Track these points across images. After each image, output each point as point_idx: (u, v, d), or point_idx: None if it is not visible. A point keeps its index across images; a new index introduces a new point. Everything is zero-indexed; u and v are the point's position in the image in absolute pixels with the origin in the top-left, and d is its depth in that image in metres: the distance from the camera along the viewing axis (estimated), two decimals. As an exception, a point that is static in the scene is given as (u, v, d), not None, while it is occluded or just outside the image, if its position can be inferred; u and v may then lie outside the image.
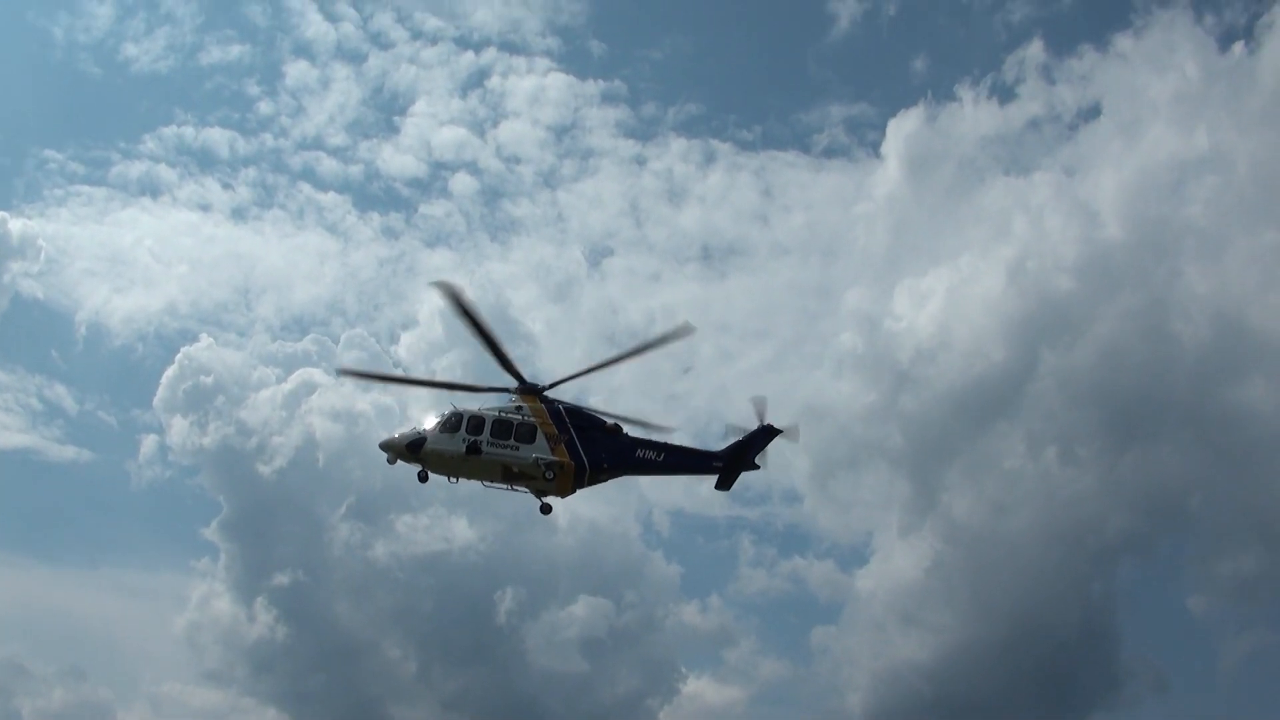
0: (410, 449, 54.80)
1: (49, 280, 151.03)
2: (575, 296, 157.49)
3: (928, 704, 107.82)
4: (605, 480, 56.17)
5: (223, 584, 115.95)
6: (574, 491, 55.74)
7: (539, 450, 54.26)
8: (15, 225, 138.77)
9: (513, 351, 54.72)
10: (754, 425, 56.50)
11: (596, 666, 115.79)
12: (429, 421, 55.55)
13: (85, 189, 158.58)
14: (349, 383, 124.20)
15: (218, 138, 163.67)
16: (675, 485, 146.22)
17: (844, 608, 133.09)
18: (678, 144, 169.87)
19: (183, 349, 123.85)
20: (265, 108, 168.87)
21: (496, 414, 54.97)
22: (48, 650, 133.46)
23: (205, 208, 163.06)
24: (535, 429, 54.54)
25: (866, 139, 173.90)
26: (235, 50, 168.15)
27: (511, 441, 54.34)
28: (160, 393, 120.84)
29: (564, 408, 55.40)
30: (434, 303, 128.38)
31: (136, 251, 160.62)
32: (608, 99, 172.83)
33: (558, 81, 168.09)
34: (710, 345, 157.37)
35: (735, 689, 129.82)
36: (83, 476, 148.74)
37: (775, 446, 56.74)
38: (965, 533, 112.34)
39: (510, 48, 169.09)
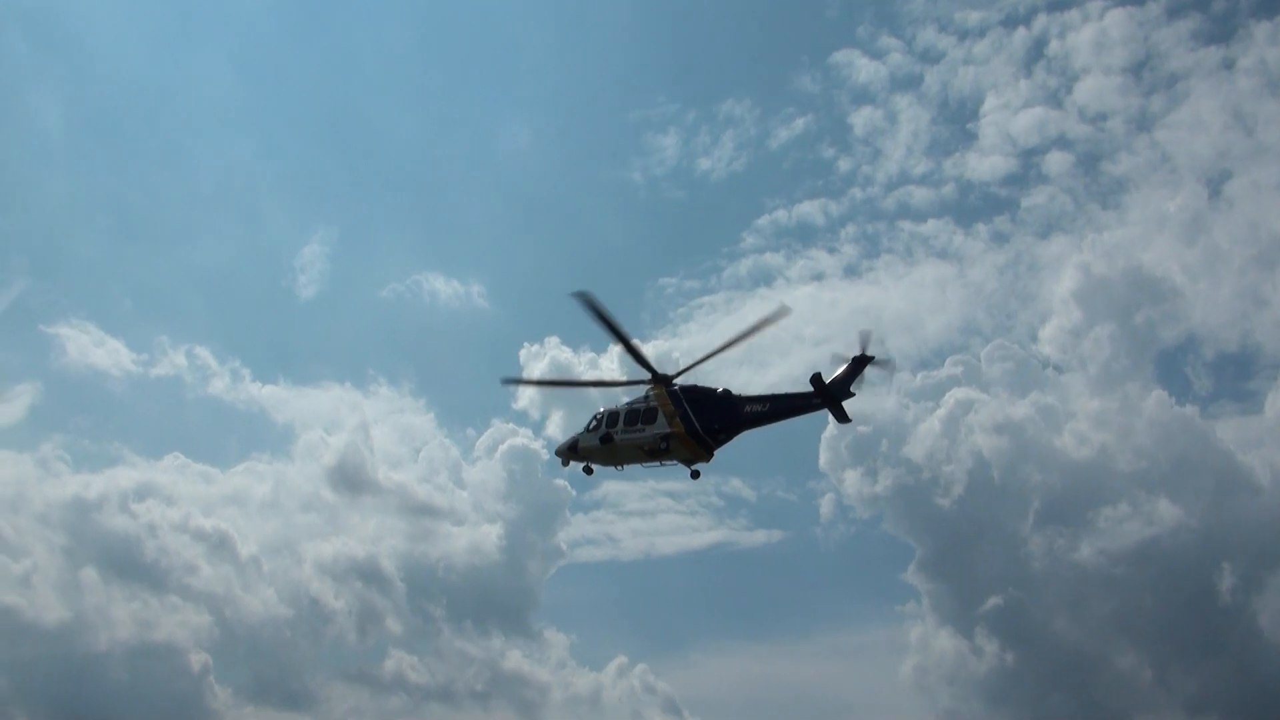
0: (571, 450, 66.47)
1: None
2: (1209, 232, 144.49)
3: None
4: (727, 440, 63.38)
5: (934, 622, 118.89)
6: (709, 455, 63.47)
7: (659, 427, 63.11)
8: (648, 349, 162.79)
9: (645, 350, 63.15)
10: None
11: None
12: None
13: (705, 299, 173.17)
14: (1001, 393, 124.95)
15: (810, 210, 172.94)
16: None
17: None
18: (1261, 29, 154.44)
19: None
20: (844, 165, 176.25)
21: (628, 406, 64.86)
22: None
23: (819, 277, 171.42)
24: (657, 410, 63.50)
25: None
26: (799, 123, 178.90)
27: (639, 425, 63.78)
28: (823, 454, 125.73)
29: (680, 387, 63.72)
30: (1065, 288, 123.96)
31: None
32: (1173, 12, 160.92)
33: (1118, 17, 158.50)
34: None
35: None
36: (776, 554, 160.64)
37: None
38: None
39: (1059, 5, 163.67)
